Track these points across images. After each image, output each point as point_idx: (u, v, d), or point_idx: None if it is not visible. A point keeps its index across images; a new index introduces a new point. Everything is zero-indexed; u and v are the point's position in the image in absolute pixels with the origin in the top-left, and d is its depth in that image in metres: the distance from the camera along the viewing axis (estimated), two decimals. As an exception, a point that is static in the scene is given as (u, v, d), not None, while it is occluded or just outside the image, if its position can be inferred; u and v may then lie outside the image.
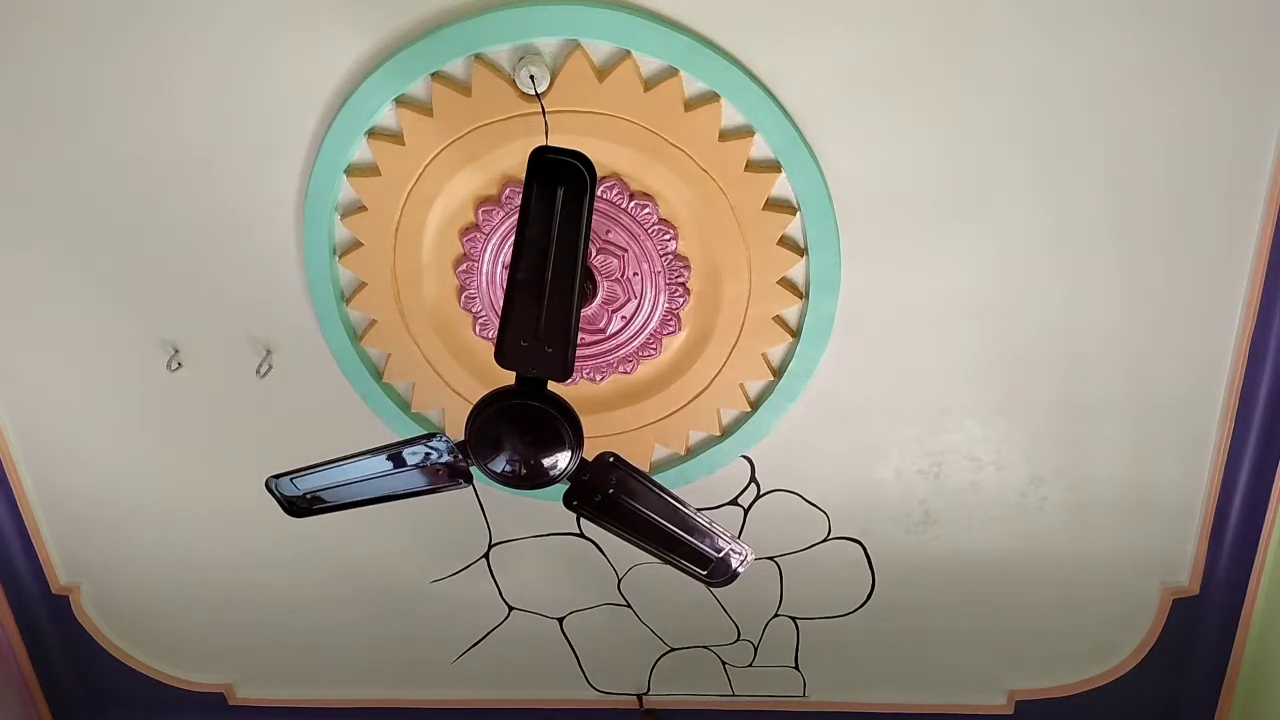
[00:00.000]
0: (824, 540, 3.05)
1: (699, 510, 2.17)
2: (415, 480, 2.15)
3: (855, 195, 2.43)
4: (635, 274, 2.56)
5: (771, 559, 3.09)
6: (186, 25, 2.28)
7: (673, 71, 2.29)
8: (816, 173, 2.38)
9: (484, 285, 2.60)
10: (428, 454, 2.08)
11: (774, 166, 2.39)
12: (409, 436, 2.11)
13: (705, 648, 3.34)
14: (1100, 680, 3.28)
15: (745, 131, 2.36)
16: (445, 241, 2.55)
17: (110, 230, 2.59)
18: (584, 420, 1.98)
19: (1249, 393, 2.67)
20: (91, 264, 2.65)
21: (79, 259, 2.65)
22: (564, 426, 1.94)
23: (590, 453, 2.01)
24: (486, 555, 3.16)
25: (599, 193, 2.31)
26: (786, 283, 2.54)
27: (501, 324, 1.85)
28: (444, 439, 2.04)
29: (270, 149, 2.44)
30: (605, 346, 2.67)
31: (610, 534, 2.18)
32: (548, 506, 2.91)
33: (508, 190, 2.46)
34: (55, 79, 2.37)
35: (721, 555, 2.23)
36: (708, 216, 2.44)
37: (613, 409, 2.76)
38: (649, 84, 2.30)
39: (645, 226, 2.48)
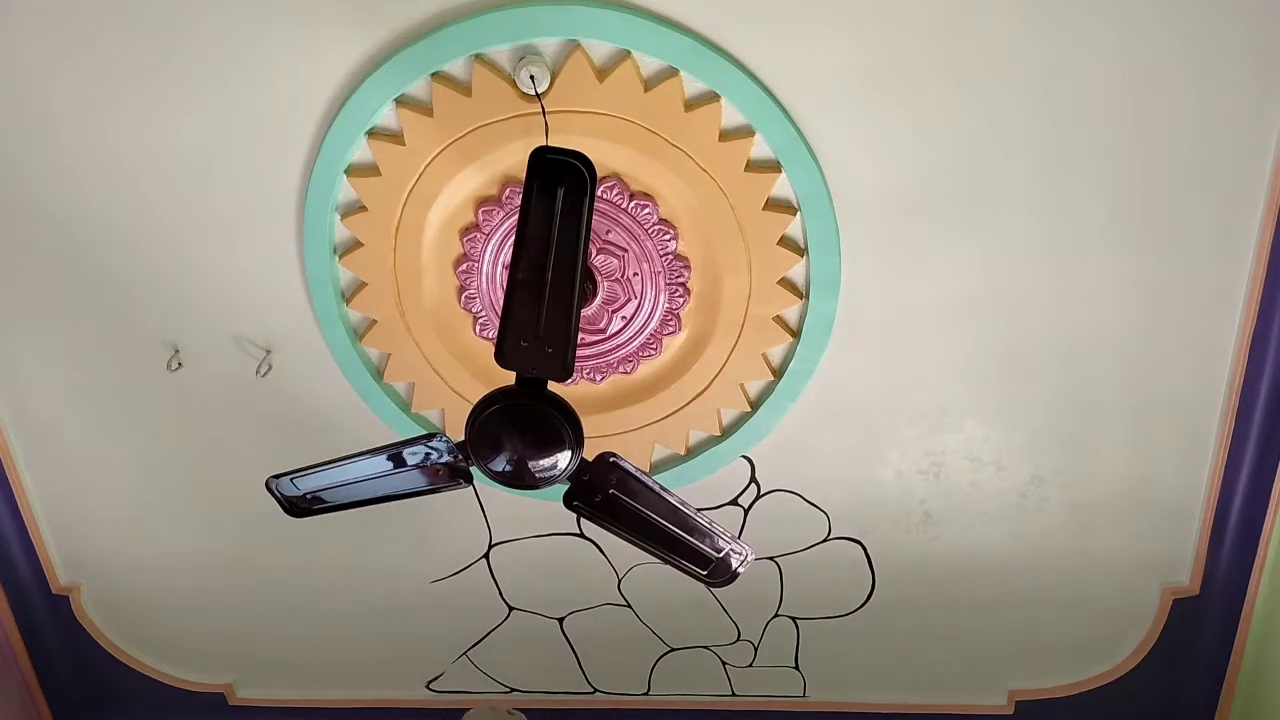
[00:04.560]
0: (824, 540, 3.05)
1: (699, 510, 2.17)
2: (415, 480, 2.15)
3: (855, 195, 2.43)
4: (635, 274, 2.56)
5: (771, 559, 3.09)
6: (186, 25, 2.28)
7: (673, 71, 2.29)
8: (816, 173, 2.38)
9: (484, 285, 2.60)
10: (428, 454, 2.09)
11: (774, 166, 2.39)
12: (409, 436, 2.11)
13: (705, 648, 3.34)
14: (1100, 680, 3.28)
15: (745, 131, 2.36)
16: (445, 241, 2.55)
17: (110, 230, 2.59)
18: (584, 420, 1.98)
19: (1249, 392, 2.67)
20: (91, 264, 2.65)
21: (78, 259, 2.65)
22: (564, 426, 1.94)
23: (590, 453, 2.01)
24: (486, 555, 3.16)
25: (599, 193, 2.31)
26: (786, 283, 2.55)
27: (501, 324, 1.85)
28: (444, 439, 2.05)
29: (270, 149, 2.44)
30: (605, 346, 2.67)
31: (610, 534, 2.18)
32: (548, 506, 2.90)
33: (508, 190, 2.46)
34: (55, 80, 2.37)
35: (721, 555, 2.23)
36: (708, 216, 2.44)
37: (613, 409, 2.76)
38: (649, 84, 2.30)
39: (645, 226, 2.48)
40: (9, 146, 2.48)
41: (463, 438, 2.00)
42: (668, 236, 2.50)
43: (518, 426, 1.95)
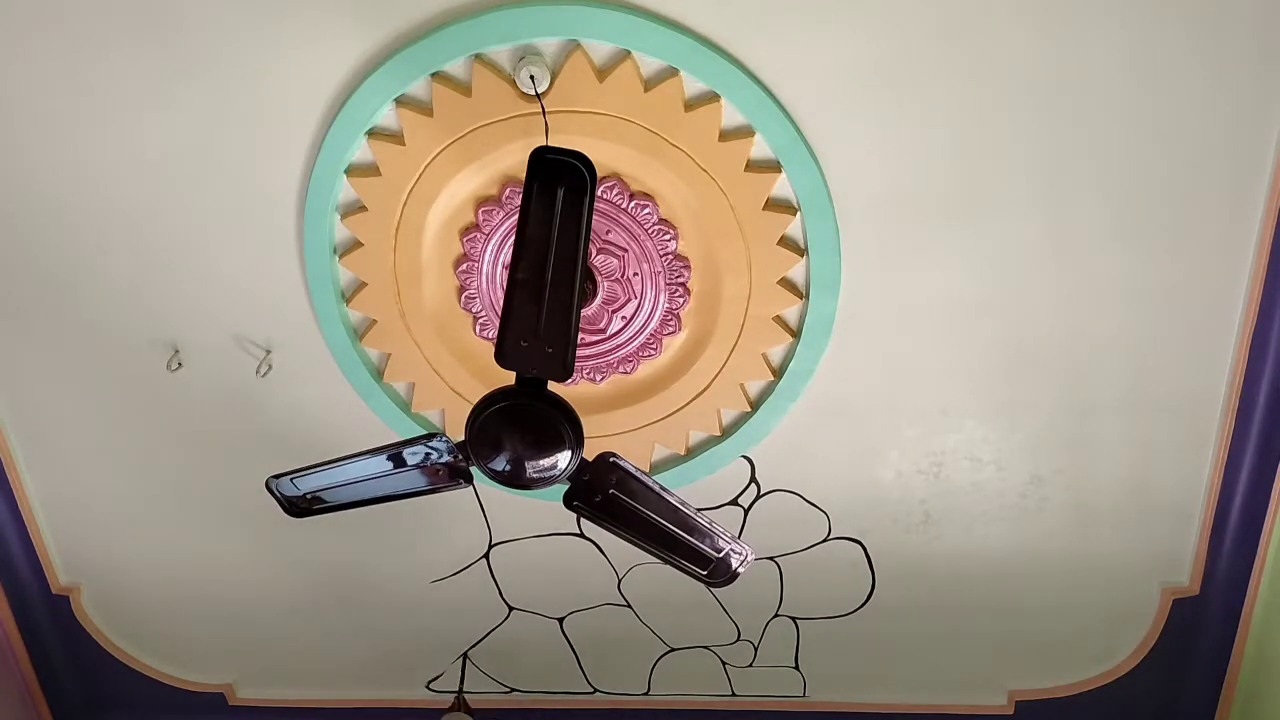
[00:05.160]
0: (824, 540, 3.05)
1: (699, 510, 2.17)
2: (415, 480, 2.15)
3: (855, 195, 2.43)
4: (635, 274, 2.56)
5: (771, 559, 3.09)
6: (186, 25, 2.28)
7: (673, 71, 2.29)
8: (816, 173, 2.38)
9: (484, 285, 2.60)
10: (428, 454, 2.09)
11: (774, 166, 2.39)
12: (409, 436, 2.11)
13: (705, 648, 3.34)
14: (1100, 680, 3.28)
15: (745, 131, 2.36)
16: (445, 241, 2.55)
17: (109, 230, 2.59)
18: (584, 420, 1.98)
19: (1249, 392, 2.67)
20: (91, 264, 2.65)
21: (79, 259, 2.64)
22: (564, 426, 1.94)
23: (590, 453, 2.01)
24: (486, 555, 3.16)
25: (599, 193, 2.31)
26: (786, 283, 2.55)
27: (501, 324, 1.85)
28: (444, 439, 2.05)
29: (270, 149, 2.44)
30: (605, 346, 2.67)
31: (610, 534, 2.18)
32: (548, 506, 2.91)
33: (508, 190, 2.46)
34: (54, 79, 2.37)
35: (721, 555, 2.23)
36: (708, 216, 2.44)
37: (613, 409, 2.76)
38: (649, 84, 2.30)
39: (645, 226, 2.48)
40: (8, 146, 2.48)
41: (463, 438, 2.00)
42: (668, 236, 2.50)
43: (518, 426, 1.95)
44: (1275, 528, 2.86)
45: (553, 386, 1.96)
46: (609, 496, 2.09)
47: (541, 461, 1.97)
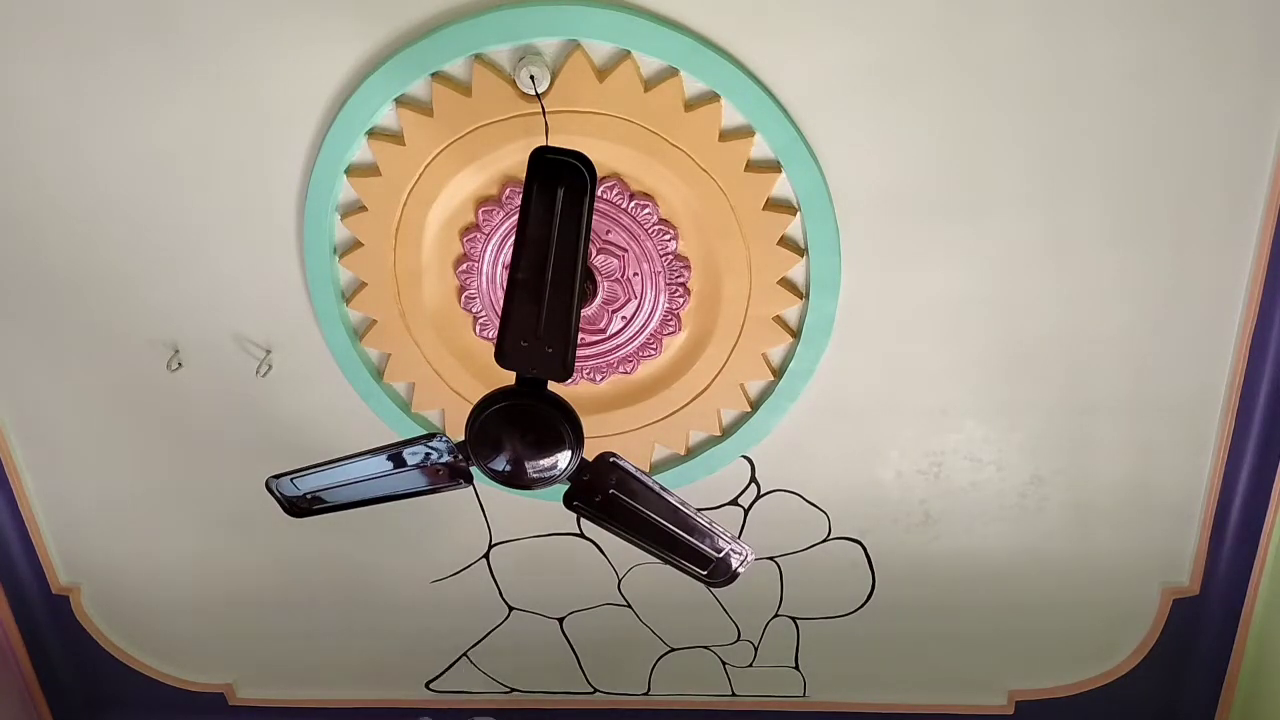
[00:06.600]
0: (824, 540, 3.05)
1: (699, 510, 2.17)
2: (415, 480, 2.15)
3: (855, 195, 2.43)
4: (635, 274, 2.56)
5: (771, 559, 3.09)
6: (186, 25, 2.28)
7: (673, 71, 2.29)
8: (816, 173, 2.38)
9: (484, 285, 2.60)
10: (428, 454, 2.09)
11: (774, 166, 2.39)
12: (409, 436, 2.11)
13: (705, 648, 3.34)
14: (1100, 680, 3.28)
15: (745, 131, 2.36)
16: (445, 241, 2.55)
17: (109, 230, 2.59)
18: (584, 420, 1.98)
19: (1249, 392, 2.67)
20: (92, 264, 2.65)
21: (79, 259, 2.65)
22: (564, 426, 1.94)
23: (590, 453, 2.02)
24: (486, 555, 3.16)
25: (599, 193, 2.31)
26: (787, 283, 2.55)
27: (501, 324, 1.85)
28: (444, 439, 2.05)
29: (270, 149, 2.44)
30: (605, 346, 2.67)
31: (610, 534, 2.18)
32: (548, 506, 2.91)
33: (508, 190, 2.46)
34: (56, 80, 2.37)
35: (721, 555, 2.23)
36: (708, 216, 2.44)
37: (613, 409, 2.76)
38: (649, 84, 2.30)
39: (645, 226, 2.48)
40: (8, 146, 2.48)
41: (463, 438, 2.00)
42: (668, 236, 2.50)
43: (518, 426, 1.95)
44: (1275, 528, 2.86)
45: (553, 386, 1.96)
46: (609, 496, 2.10)
47: (541, 461, 1.97)
